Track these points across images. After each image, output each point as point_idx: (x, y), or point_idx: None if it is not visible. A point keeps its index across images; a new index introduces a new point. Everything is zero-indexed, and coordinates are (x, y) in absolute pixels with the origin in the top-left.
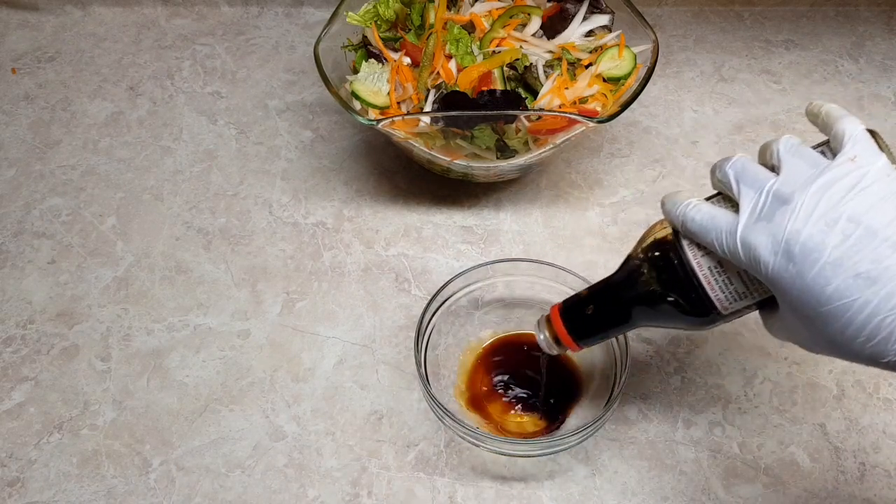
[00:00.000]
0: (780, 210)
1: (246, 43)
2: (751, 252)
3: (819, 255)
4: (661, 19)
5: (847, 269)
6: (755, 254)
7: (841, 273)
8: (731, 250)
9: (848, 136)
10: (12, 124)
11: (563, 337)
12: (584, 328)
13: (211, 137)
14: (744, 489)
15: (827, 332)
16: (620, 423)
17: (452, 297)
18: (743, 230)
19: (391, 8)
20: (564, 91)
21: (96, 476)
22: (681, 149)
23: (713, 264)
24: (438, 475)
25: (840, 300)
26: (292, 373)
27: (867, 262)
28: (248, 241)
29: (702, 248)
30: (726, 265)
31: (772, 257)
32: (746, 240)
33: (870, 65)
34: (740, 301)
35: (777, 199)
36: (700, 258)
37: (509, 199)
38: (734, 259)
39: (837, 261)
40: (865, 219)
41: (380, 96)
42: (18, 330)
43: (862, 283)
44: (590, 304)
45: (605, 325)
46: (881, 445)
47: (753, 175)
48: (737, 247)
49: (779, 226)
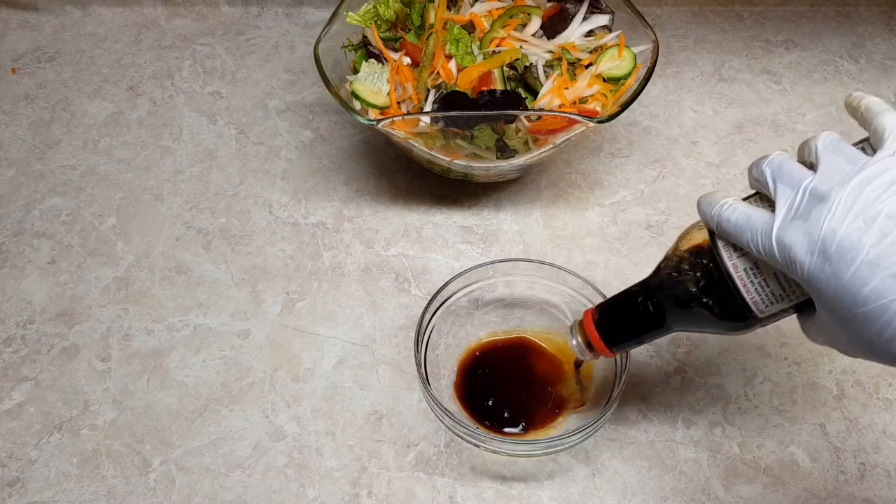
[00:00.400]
0: (817, 208)
1: (246, 43)
2: (786, 252)
3: (856, 255)
4: (661, 19)
5: (885, 268)
6: (791, 254)
7: (878, 273)
8: (767, 250)
9: (889, 132)
10: (12, 124)
11: (595, 343)
12: (618, 334)
13: (211, 137)
14: (744, 489)
15: (864, 334)
16: (620, 423)
17: (452, 297)
18: (778, 229)
19: (391, 8)
20: (564, 91)
21: (96, 476)
22: (681, 149)
23: (749, 266)
24: (438, 475)
25: (877, 301)
26: (292, 373)
27: None
28: (248, 241)
29: (738, 250)
30: (763, 267)
31: (808, 257)
32: (782, 239)
33: (870, 65)
34: (777, 304)
35: (814, 197)
36: (736, 260)
37: (509, 199)
38: (770, 259)
39: (875, 260)
40: None
41: (380, 96)
42: (18, 330)
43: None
44: (623, 309)
45: (640, 330)
46: (881, 445)
47: (790, 173)
48: (772, 247)
49: (815, 224)
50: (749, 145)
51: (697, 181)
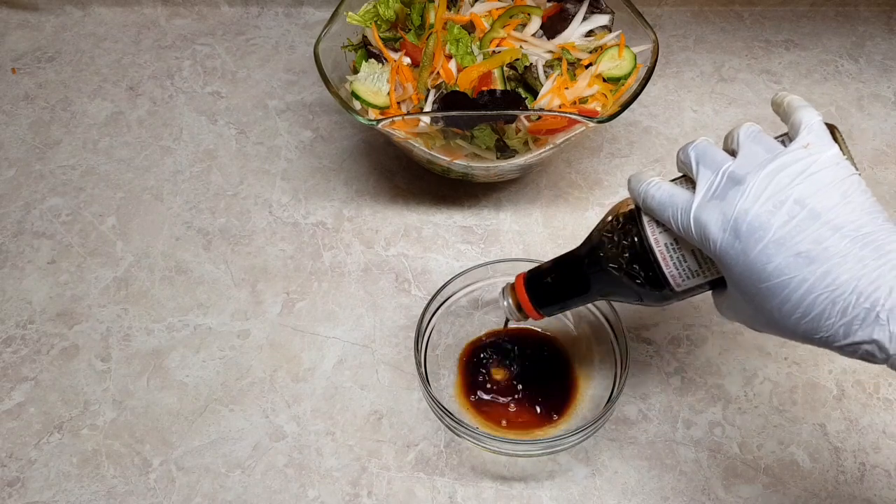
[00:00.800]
0: (733, 190)
1: (246, 43)
2: (702, 229)
3: (763, 234)
4: (661, 19)
5: (788, 248)
6: (706, 231)
7: (783, 251)
8: (685, 226)
9: (804, 125)
10: (12, 124)
11: (524, 304)
12: (546, 296)
13: (211, 137)
14: (744, 489)
15: (766, 307)
16: (620, 423)
17: (452, 297)
18: (696, 208)
19: (391, 8)
20: (564, 91)
21: (96, 476)
22: None
23: (670, 241)
24: (438, 475)
25: (779, 277)
26: (292, 373)
27: (807, 242)
28: (248, 241)
29: (660, 226)
30: (682, 243)
31: (720, 234)
32: (699, 217)
33: (870, 65)
34: (692, 279)
35: (731, 180)
36: (658, 235)
37: (509, 199)
38: (687, 235)
39: (780, 240)
40: (811, 202)
41: (380, 96)
42: (18, 330)
43: (801, 261)
44: (552, 273)
45: (566, 294)
46: (881, 445)
47: (713, 157)
48: (690, 223)
49: (730, 204)
50: None
51: None
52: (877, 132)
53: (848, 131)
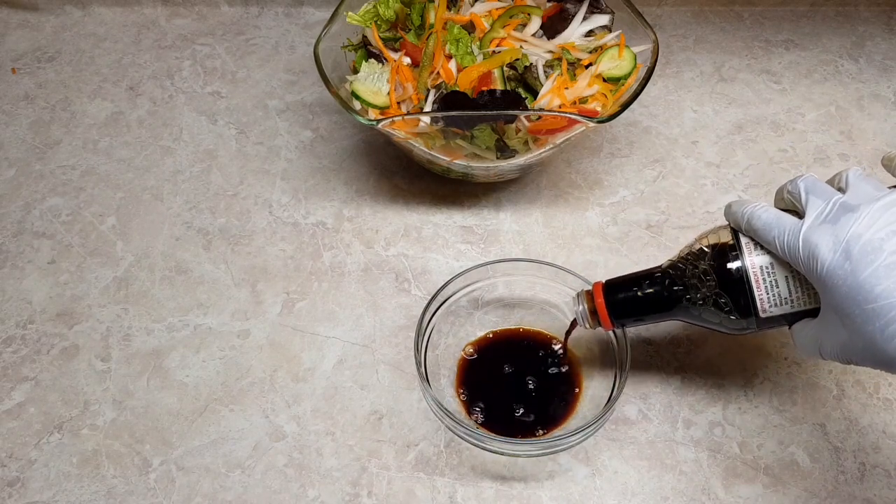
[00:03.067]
0: (846, 216)
1: (246, 43)
2: (811, 249)
3: (875, 258)
4: (661, 19)
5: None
6: (815, 251)
7: (893, 275)
8: (791, 246)
9: None
10: (12, 124)
11: (601, 312)
12: (623, 308)
13: (211, 137)
14: (744, 489)
15: (867, 329)
16: (620, 423)
17: (452, 297)
18: (807, 229)
19: (391, 8)
20: (564, 91)
21: (96, 476)
22: (681, 149)
23: (766, 264)
24: (438, 475)
25: (888, 299)
26: (292, 373)
27: None
28: (248, 241)
29: (758, 249)
30: (777, 269)
31: (830, 255)
32: (809, 238)
33: (870, 65)
34: (779, 307)
35: (843, 208)
36: (755, 257)
37: (509, 199)
38: (792, 256)
39: (893, 264)
40: None
41: (380, 96)
42: (18, 330)
43: None
44: (634, 288)
45: (646, 309)
46: (881, 445)
47: (823, 189)
48: (798, 243)
49: (843, 228)
50: (749, 145)
51: (697, 181)
52: (877, 132)
53: (848, 131)
